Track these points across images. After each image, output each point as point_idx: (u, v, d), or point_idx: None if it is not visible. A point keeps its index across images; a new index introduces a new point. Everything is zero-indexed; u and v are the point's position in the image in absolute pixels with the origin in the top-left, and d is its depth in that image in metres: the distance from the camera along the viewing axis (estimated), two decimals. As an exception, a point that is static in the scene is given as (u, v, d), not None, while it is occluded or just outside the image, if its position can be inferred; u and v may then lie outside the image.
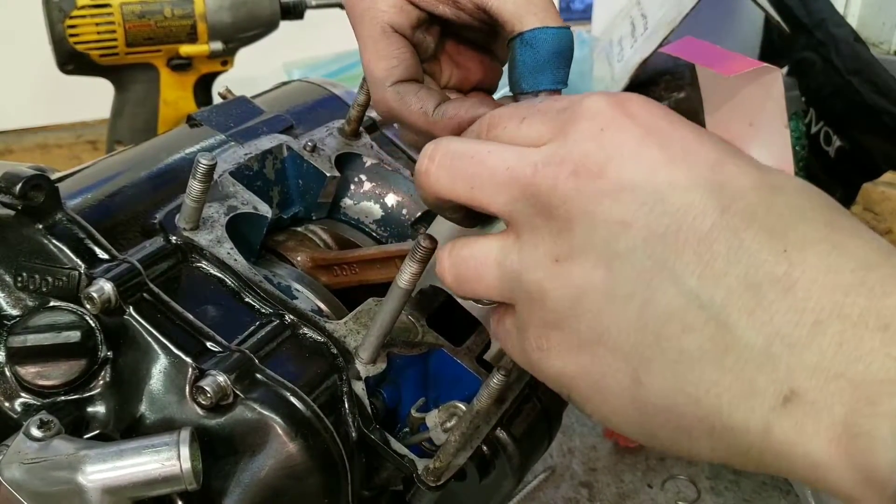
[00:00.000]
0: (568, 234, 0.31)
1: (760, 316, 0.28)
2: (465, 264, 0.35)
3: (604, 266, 0.31)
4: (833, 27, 1.10)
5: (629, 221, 0.30)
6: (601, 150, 0.31)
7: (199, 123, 0.56)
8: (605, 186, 0.31)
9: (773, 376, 0.28)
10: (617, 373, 0.31)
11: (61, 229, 0.43)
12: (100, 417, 0.42)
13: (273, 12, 1.03)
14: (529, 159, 0.33)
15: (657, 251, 0.30)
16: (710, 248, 0.29)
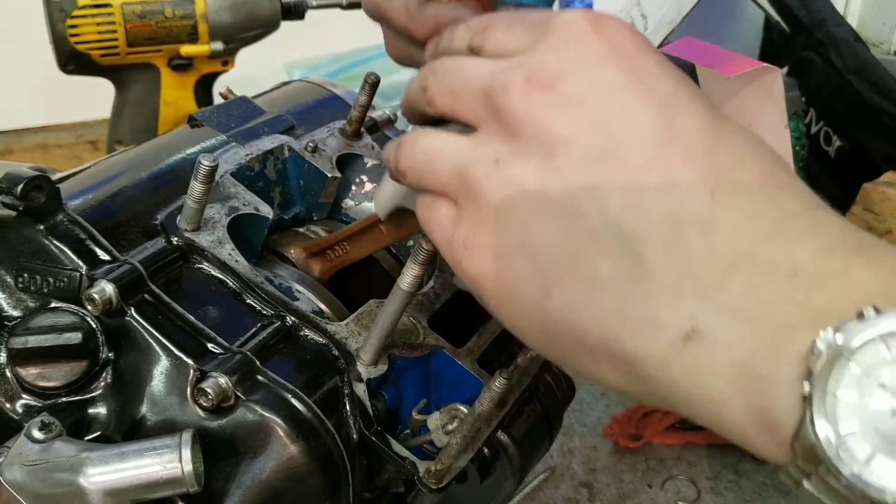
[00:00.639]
0: (514, 139, 0.32)
1: (676, 254, 0.29)
2: (423, 153, 0.36)
3: (540, 176, 0.31)
4: (833, 27, 1.10)
5: (571, 138, 0.31)
6: (559, 61, 0.32)
7: (200, 124, 0.56)
8: (554, 99, 0.31)
9: (678, 312, 0.29)
10: (531, 283, 0.32)
11: (62, 230, 0.43)
12: (101, 419, 0.42)
13: (274, 12, 1.03)
14: (498, 68, 0.33)
15: (591, 173, 0.30)
16: (642, 180, 0.30)
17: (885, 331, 0.25)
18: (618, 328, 0.30)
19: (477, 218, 0.33)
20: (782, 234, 0.28)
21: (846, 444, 0.26)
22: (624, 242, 0.30)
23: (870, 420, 0.26)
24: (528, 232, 0.31)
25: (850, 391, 0.26)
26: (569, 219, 0.30)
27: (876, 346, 0.26)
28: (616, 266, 0.30)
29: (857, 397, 0.26)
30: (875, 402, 0.26)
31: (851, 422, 0.26)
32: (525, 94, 0.32)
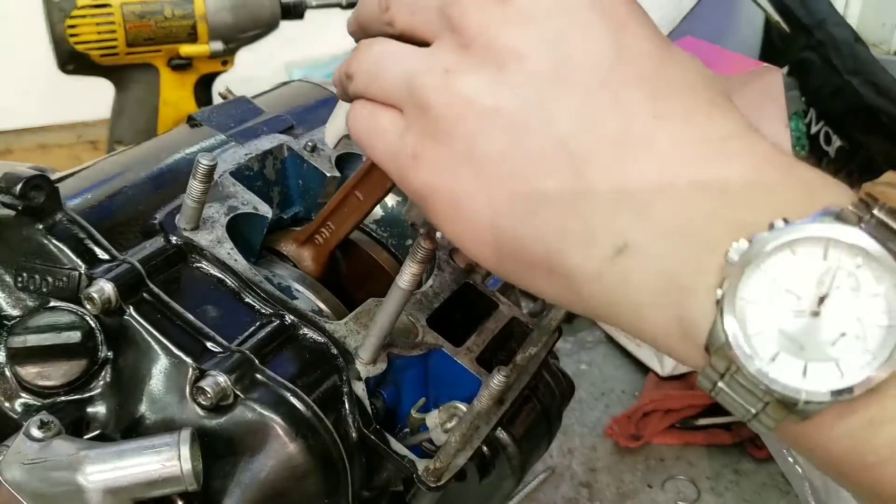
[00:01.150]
0: (466, 50, 0.32)
1: (616, 172, 0.30)
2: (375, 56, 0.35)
3: (491, 89, 0.31)
4: (833, 27, 1.10)
5: (525, 53, 0.31)
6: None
7: (200, 123, 0.57)
8: (510, 13, 0.31)
9: (613, 228, 0.30)
10: (477, 196, 0.32)
11: (61, 229, 0.43)
12: (100, 418, 0.42)
13: (273, 12, 1.03)
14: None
15: (542, 90, 0.31)
16: (592, 100, 0.30)
17: (790, 238, 0.27)
18: (558, 243, 0.31)
19: (424, 128, 0.33)
20: (716, 154, 0.30)
21: (752, 343, 0.27)
22: (569, 160, 0.30)
23: (775, 321, 0.27)
24: (476, 144, 0.31)
25: (758, 294, 0.28)
26: (517, 133, 0.31)
27: (783, 253, 0.27)
28: (560, 182, 0.30)
29: (765, 300, 0.28)
30: (780, 304, 0.27)
31: (758, 322, 0.27)
32: (481, 6, 0.31)
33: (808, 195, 0.29)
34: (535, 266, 0.32)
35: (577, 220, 0.30)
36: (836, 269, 0.27)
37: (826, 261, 0.27)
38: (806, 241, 0.27)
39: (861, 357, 0.27)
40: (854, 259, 0.27)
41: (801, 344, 0.27)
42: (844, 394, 0.27)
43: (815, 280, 0.27)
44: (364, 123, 0.36)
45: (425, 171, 0.33)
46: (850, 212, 0.28)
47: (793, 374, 0.27)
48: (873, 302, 0.27)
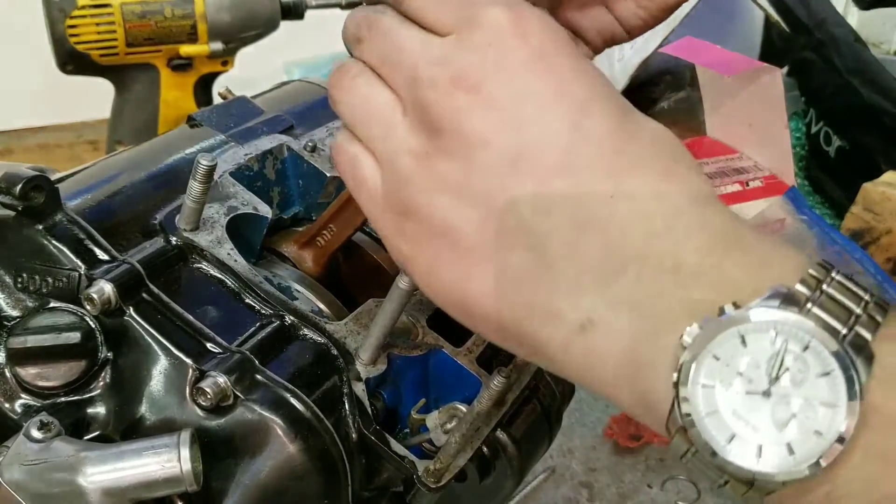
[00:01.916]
0: (438, 134, 0.33)
1: (576, 250, 0.31)
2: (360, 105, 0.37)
3: (461, 173, 0.33)
4: (833, 27, 1.11)
5: (489, 140, 0.33)
6: (483, 65, 0.33)
7: (200, 124, 0.56)
8: (476, 102, 0.33)
9: (577, 305, 0.31)
10: (453, 266, 0.34)
11: (61, 230, 0.43)
12: (100, 418, 0.42)
13: (273, 12, 1.03)
14: (428, 52, 0.34)
15: (505, 174, 0.32)
16: (550, 182, 0.32)
17: (738, 325, 0.29)
18: (526, 315, 0.33)
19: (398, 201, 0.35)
20: (670, 231, 0.31)
21: (707, 426, 0.29)
22: (531, 239, 0.32)
23: (729, 404, 0.29)
24: (449, 220, 0.33)
25: (712, 378, 0.29)
26: (485, 213, 0.33)
27: (733, 339, 0.29)
28: (525, 260, 0.32)
29: (718, 383, 0.29)
30: (733, 387, 0.29)
31: (713, 405, 0.29)
32: (450, 95, 0.33)
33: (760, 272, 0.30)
34: (506, 332, 0.34)
35: (542, 296, 0.32)
36: (783, 353, 0.29)
37: (774, 345, 0.29)
38: (753, 327, 0.29)
39: (811, 438, 0.28)
40: (800, 342, 0.29)
41: (754, 426, 0.29)
42: (796, 475, 0.28)
43: (765, 363, 0.29)
44: (346, 167, 0.37)
45: (404, 242, 0.35)
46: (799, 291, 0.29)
47: (747, 456, 0.28)
48: (820, 383, 0.28)
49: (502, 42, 0.33)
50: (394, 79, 0.36)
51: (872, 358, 0.28)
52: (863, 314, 0.29)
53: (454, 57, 0.34)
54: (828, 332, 0.28)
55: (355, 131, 0.37)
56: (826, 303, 0.29)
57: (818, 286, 0.29)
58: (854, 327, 0.29)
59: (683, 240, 0.31)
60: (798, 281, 0.29)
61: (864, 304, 0.29)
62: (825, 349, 0.28)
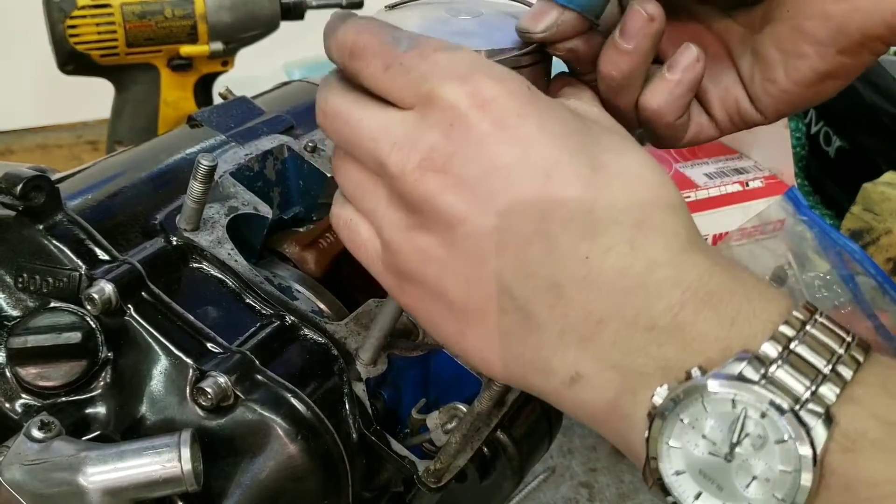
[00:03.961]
0: (416, 213, 0.34)
1: (558, 311, 0.33)
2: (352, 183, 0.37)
3: (443, 247, 0.34)
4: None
5: (464, 217, 0.33)
6: (447, 143, 0.33)
7: (200, 124, 0.56)
8: (446, 181, 0.33)
9: (564, 360, 0.33)
10: (449, 323, 0.36)
11: (62, 230, 0.43)
12: (100, 418, 0.42)
13: (273, 12, 1.03)
14: (389, 136, 0.35)
15: (484, 246, 0.33)
16: (526, 251, 0.33)
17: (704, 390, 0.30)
18: (520, 368, 0.35)
19: (396, 267, 0.36)
20: (644, 287, 0.32)
21: (676, 484, 0.31)
22: (516, 302, 0.33)
23: (695, 463, 0.31)
24: (442, 286, 0.35)
25: (678, 439, 0.31)
26: (471, 281, 0.34)
27: (696, 403, 0.30)
28: (513, 321, 0.34)
29: (684, 444, 0.31)
30: (698, 449, 0.31)
31: (680, 464, 0.31)
32: (421, 180, 0.34)
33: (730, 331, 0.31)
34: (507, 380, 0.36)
35: (531, 352, 0.34)
36: (742, 419, 0.30)
37: (735, 409, 0.30)
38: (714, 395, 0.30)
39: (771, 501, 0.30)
40: (758, 410, 0.30)
41: (719, 485, 0.30)
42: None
43: (727, 428, 0.30)
44: (343, 231, 0.39)
45: (406, 299, 0.37)
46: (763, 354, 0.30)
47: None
48: (777, 449, 0.29)
49: (462, 119, 0.33)
50: (364, 162, 0.36)
51: (832, 422, 0.29)
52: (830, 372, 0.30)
53: (417, 138, 0.34)
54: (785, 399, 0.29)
55: (350, 200, 0.38)
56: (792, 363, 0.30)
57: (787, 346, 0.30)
58: (818, 389, 0.29)
59: (656, 298, 0.32)
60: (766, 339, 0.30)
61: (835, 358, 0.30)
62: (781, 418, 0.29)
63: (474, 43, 0.37)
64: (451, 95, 0.33)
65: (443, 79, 0.34)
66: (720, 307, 0.31)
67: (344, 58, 0.37)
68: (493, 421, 0.47)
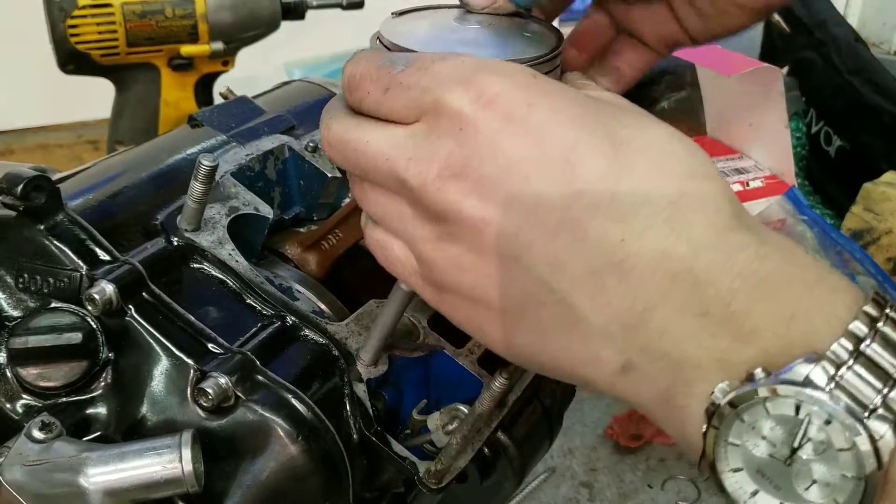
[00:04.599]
0: (442, 222, 0.34)
1: (600, 299, 0.32)
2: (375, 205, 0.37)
3: (473, 252, 0.34)
4: (833, 27, 1.11)
5: (488, 219, 0.33)
6: (461, 148, 0.33)
7: (201, 124, 0.56)
8: (466, 186, 0.33)
9: (612, 350, 0.32)
10: (493, 327, 0.35)
11: (63, 230, 0.43)
12: (101, 419, 0.42)
13: (274, 12, 1.03)
14: (402, 152, 0.35)
15: (512, 246, 0.33)
16: (555, 241, 0.32)
17: (767, 393, 0.29)
18: (569, 361, 0.34)
19: (432, 279, 0.36)
20: (691, 272, 0.30)
21: (733, 481, 0.31)
22: (556, 295, 0.33)
23: (754, 463, 0.30)
24: (479, 290, 0.35)
25: (738, 437, 0.30)
26: (506, 281, 0.34)
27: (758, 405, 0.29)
28: (555, 313, 0.33)
29: (742, 443, 0.30)
30: (757, 449, 0.30)
31: (738, 462, 0.30)
32: (443, 189, 0.33)
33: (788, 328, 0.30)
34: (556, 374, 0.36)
35: (578, 343, 0.33)
36: (806, 424, 0.29)
37: (798, 415, 0.29)
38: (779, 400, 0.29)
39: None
40: (822, 416, 0.29)
41: (776, 485, 0.30)
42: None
43: (788, 432, 0.30)
44: (377, 250, 0.39)
45: (448, 308, 0.37)
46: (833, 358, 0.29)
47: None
48: (841, 456, 0.29)
49: (471, 122, 0.33)
50: (383, 184, 0.36)
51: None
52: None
53: (431, 149, 0.34)
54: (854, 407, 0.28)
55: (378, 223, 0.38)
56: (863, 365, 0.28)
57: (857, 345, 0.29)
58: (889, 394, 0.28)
59: (705, 284, 0.30)
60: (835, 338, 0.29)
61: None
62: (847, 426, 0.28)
63: (484, 53, 0.37)
64: (456, 101, 0.33)
65: (445, 87, 0.34)
66: (777, 299, 0.30)
67: (345, 93, 0.37)
68: (494, 422, 0.47)
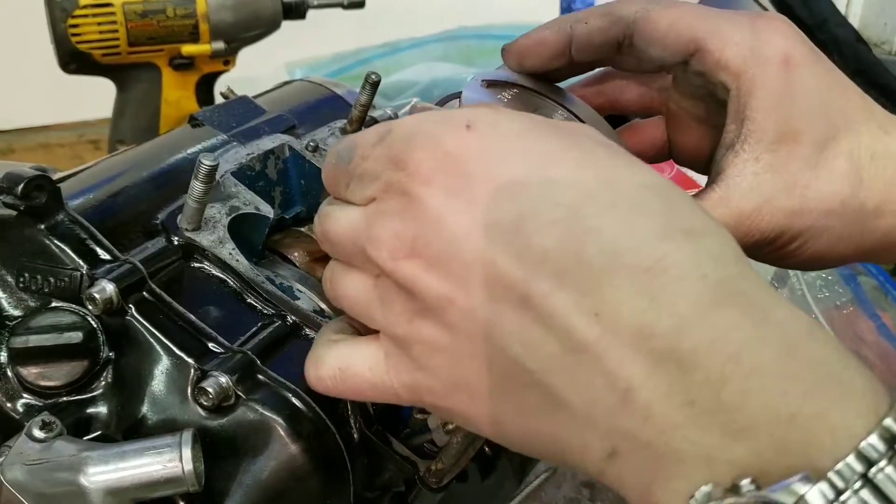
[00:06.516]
0: (410, 300, 0.32)
1: (579, 381, 0.29)
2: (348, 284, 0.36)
3: (445, 331, 0.32)
4: (835, 28, 1.10)
5: (451, 296, 0.31)
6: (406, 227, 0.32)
7: (201, 123, 0.56)
8: (421, 264, 0.31)
9: (597, 435, 0.29)
10: (479, 415, 0.33)
11: (63, 230, 0.43)
12: (101, 418, 0.42)
13: (275, 12, 1.03)
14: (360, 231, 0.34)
15: (480, 322, 0.30)
16: (524, 317, 0.29)
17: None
18: (557, 447, 0.31)
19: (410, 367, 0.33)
20: (675, 353, 0.27)
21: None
22: (533, 376, 0.30)
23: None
24: (458, 375, 0.32)
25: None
26: (484, 363, 0.31)
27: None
28: (535, 396, 0.30)
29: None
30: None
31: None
32: (398, 267, 0.32)
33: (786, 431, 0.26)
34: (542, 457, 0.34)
35: (564, 429, 0.30)
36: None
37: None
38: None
39: None
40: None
41: None
42: None
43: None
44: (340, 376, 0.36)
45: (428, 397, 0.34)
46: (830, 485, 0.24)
47: None
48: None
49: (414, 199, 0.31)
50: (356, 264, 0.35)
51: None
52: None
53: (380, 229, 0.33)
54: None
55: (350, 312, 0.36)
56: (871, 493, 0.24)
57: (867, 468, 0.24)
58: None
59: (691, 368, 0.27)
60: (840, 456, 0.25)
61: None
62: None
63: None
64: (395, 180, 0.32)
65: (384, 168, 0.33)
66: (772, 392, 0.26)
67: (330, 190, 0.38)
68: (495, 421, 0.47)
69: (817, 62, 0.43)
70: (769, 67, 0.42)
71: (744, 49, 0.42)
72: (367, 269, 0.34)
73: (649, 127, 0.51)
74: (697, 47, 0.42)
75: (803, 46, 0.43)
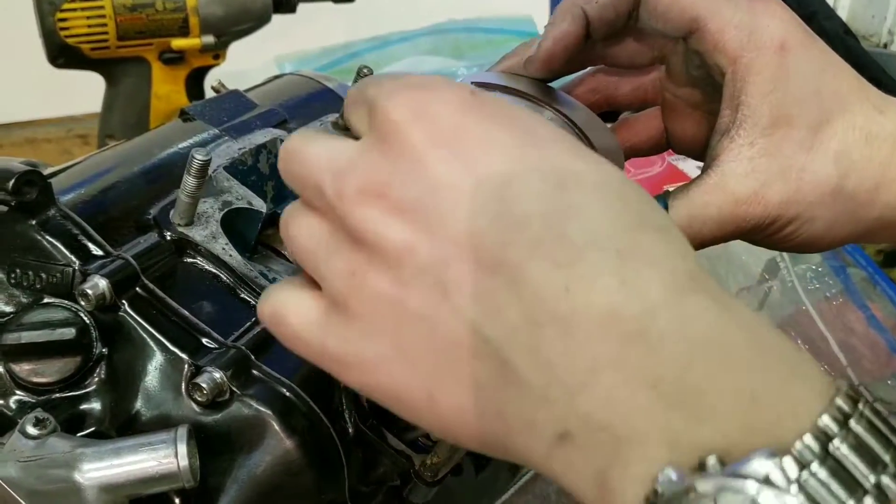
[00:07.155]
0: (363, 248, 0.30)
1: (539, 356, 0.27)
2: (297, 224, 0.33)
3: (395, 286, 0.29)
4: (823, 20, 1.11)
5: (412, 246, 0.29)
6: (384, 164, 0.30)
7: (192, 118, 0.56)
8: (388, 207, 0.29)
9: (551, 416, 0.27)
10: (414, 389, 0.30)
11: (55, 225, 0.43)
12: (95, 414, 0.42)
13: (265, 6, 1.03)
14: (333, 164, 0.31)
15: (439, 280, 0.29)
16: (490, 282, 0.28)
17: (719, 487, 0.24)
18: (502, 428, 0.29)
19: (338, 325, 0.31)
20: (643, 336, 0.26)
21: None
22: (489, 346, 0.28)
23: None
24: (400, 341, 0.30)
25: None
26: (432, 325, 0.29)
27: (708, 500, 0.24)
28: (488, 369, 0.28)
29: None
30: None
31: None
32: (360, 206, 0.30)
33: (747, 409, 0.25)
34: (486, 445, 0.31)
35: (513, 406, 0.28)
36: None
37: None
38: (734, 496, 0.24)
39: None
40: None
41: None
42: None
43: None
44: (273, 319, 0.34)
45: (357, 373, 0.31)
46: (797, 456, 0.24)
47: None
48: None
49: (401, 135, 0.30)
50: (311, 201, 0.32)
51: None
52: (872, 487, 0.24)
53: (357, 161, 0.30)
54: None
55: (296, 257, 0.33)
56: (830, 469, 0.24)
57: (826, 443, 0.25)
58: None
59: (658, 347, 0.26)
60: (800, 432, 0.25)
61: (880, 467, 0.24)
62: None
63: None
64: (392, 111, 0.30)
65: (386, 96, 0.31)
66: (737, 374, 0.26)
67: None
68: (489, 414, 0.47)
69: (812, 45, 0.43)
70: (765, 52, 0.42)
71: (741, 33, 0.42)
72: (327, 214, 0.32)
73: (642, 121, 0.52)
74: (698, 26, 0.43)
75: (798, 30, 0.43)
